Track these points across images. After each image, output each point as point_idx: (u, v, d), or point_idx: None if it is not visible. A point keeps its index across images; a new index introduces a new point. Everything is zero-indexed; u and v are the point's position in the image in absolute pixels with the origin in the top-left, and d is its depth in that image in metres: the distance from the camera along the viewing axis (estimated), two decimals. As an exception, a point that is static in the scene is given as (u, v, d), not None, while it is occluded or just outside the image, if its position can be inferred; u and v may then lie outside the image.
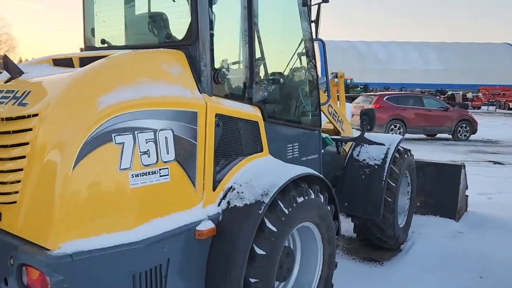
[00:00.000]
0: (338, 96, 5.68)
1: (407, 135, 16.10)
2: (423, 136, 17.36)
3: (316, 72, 3.75)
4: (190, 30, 2.67)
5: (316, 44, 3.94)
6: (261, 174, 2.84)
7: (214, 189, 2.69)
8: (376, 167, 4.49)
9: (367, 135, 4.86)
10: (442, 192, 5.83)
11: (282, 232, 2.69)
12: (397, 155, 4.67)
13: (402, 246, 4.95)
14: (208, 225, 2.53)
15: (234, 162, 2.88)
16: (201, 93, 2.61)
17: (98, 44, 3.22)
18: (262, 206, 2.59)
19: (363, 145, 4.74)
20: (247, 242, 2.50)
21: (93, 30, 3.27)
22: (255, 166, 2.95)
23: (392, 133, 15.56)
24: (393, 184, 4.49)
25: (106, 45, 3.17)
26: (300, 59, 3.71)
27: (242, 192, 2.71)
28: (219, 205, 2.69)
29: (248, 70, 3.00)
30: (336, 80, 5.69)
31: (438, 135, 17.33)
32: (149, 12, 3.09)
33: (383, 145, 4.65)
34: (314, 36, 3.77)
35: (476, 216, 6.11)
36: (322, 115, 5.06)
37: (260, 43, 3.24)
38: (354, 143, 4.83)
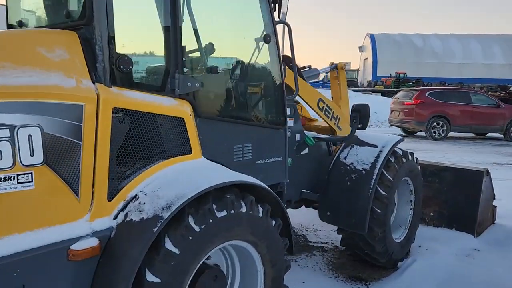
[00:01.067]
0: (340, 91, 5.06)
1: (451, 134, 14.86)
2: (471, 135, 15.97)
3: (279, 61, 3.18)
4: (84, 7, 2.22)
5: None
6: (176, 181, 2.36)
7: (110, 198, 2.24)
8: (364, 172, 3.85)
9: (361, 135, 4.22)
10: (460, 201, 5.04)
11: (188, 254, 2.19)
12: (392, 159, 4.00)
13: (400, 264, 4.27)
14: (88, 243, 2.08)
15: (147, 166, 2.41)
16: (94, 83, 2.17)
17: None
18: (158, 223, 2.10)
19: (353, 146, 4.11)
20: (133, 266, 2.03)
21: (16, 8, 2.92)
22: (174, 170, 2.46)
23: (434, 132, 14.39)
24: (384, 193, 3.83)
25: (23, 27, 2.81)
26: (258, 46, 3.16)
27: (144, 204, 2.24)
28: (115, 218, 2.24)
29: (171, 57, 2.50)
30: (337, 72, 5.08)
31: (489, 134, 15.87)
32: None
33: (376, 146, 3.99)
34: (276, 19, 3.19)
35: (503, 231, 5.25)
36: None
37: (194, 25, 2.74)
38: (344, 144, 4.20)
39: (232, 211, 2.39)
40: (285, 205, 3.95)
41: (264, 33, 3.07)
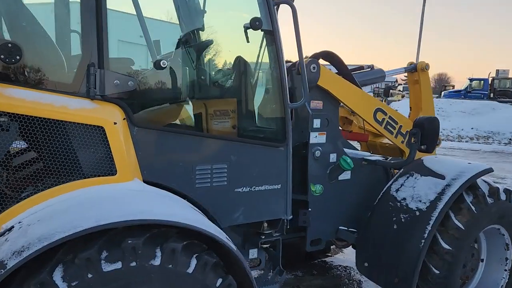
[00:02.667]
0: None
1: None
2: None
3: (278, 55, 2.33)
4: None
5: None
6: (61, 213, 1.73)
7: (-28, 228, 1.72)
8: (418, 213, 2.73)
9: (427, 159, 3.08)
10: None
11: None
12: (468, 197, 2.78)
13: None
14: None
15: (43, 188, 1.84)
16: None
17: None
18: None
19: (412, 174, 2.98)
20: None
21: None
22: (76, 197, 1.84)
23: None
24: (447, 247, 2.66)
25: None
26: (246, 34, 2.35)
27: (7, 241, 1.65)
28: (-24, 256, 1.71)
29: (88, 45, 1.89)
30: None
31: None
32: None
33: (443, 178, 2.82)
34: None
35: None
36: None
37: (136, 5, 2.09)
38: (401, 171, 3.10)
39: (134, 263, 1.67)
40: (311, 245, 3.04)
41: (253, 16, 2.26)
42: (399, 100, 20.87)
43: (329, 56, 3.28)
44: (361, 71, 3.65)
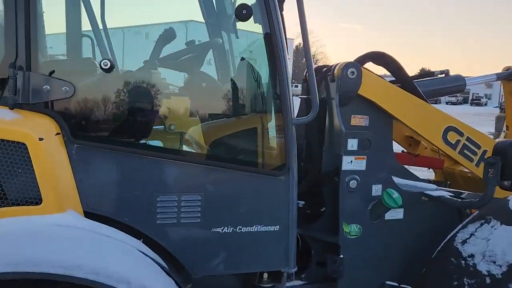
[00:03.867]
0: None
1: None
2: None
3: (278, 54, 1.74)
4: None
5: None
6: None
7: None
8: (489, 280, 1.89)
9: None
10: None
11: None
12: None
13: None
14: None
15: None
16: None
17: None
18: None
19: (489, 221, 2.12)
20: None
21: None
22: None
23: None
24: (534, 337, 1.78)
25: None
26: (234, 26, 1.80)
27: None
28: None
29: (22, 42, 1.53)
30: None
31: None
32: None
33: (533, 230, 1.94)
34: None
35: None
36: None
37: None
38: (474, 214, 2.25)
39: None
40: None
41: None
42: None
43: (380, 58, 2.55)
44: (428, 78, 2.82)
